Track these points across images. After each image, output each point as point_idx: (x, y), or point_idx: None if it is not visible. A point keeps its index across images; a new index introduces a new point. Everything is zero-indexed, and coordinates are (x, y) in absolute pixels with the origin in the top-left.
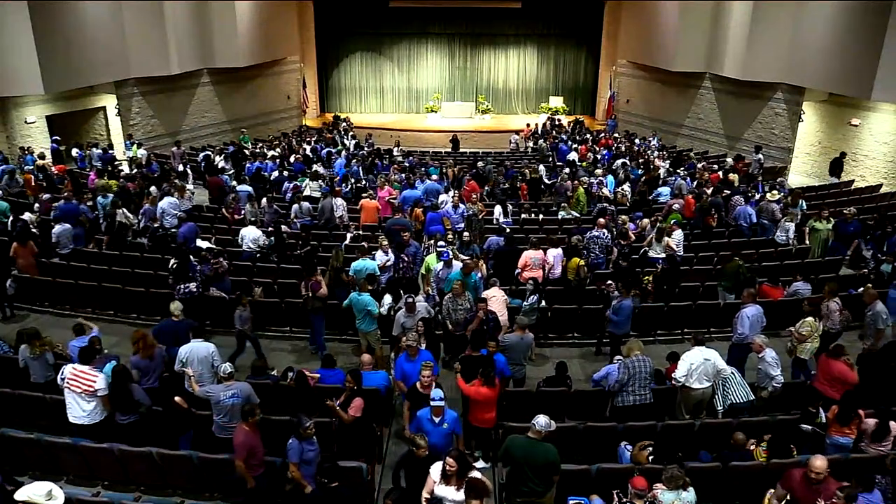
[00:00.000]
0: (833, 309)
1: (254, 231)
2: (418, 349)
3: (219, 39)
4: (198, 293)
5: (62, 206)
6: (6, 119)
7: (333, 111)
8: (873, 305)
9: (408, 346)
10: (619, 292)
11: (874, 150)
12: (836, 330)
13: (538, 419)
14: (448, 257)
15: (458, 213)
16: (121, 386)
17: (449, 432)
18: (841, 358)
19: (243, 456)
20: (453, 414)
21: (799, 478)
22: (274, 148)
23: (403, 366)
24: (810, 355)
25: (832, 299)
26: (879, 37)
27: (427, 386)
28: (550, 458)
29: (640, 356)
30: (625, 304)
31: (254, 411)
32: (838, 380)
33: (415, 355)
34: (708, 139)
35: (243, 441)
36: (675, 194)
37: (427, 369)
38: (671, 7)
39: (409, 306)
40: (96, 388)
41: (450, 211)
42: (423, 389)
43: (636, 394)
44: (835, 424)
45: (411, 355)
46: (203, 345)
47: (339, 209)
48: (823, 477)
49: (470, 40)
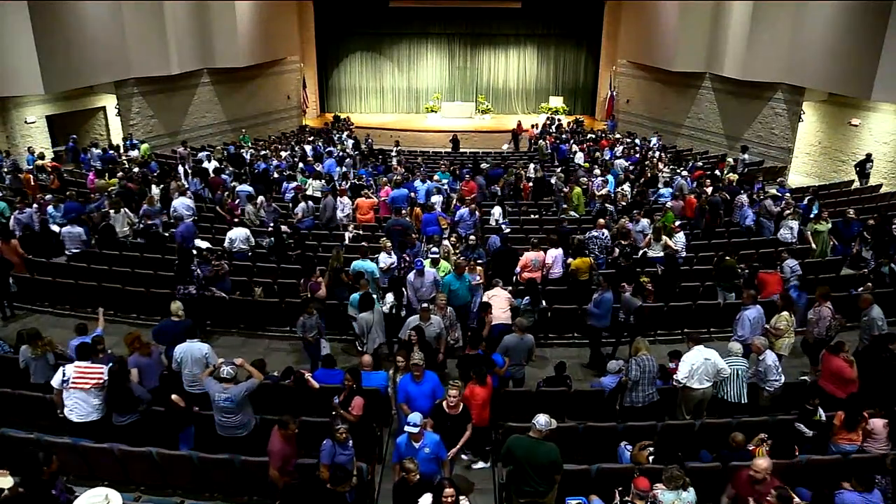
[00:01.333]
0: (825, 315)
1: (241, 231)
2: (424, 370)
3: (219, 39)
4: (197, 295)
5: (67, 206)
6: (6, 119)
7: (333, 111)
8: (869, 310)
9: (414, 366)
10: (630, 292)
11: (874, 150)
12: (822, 338)
13: (538, 418)
14: (421, 266)
15: (472, 219)
16: (118, 385)
17: (432, 457)
18: (840, 354)
19: (278, 464)
20: (434, 437)
21: (745, 478)
22: (278, 150)
23: (407, 388)
24: (788, 351)
25: (825, 304)
26: (879, 37)
27: (454, 406)
28: (552, 458)
29: (647, 355)
30: (605, 297)
31: (286, 423)
32: (837, 376)
33: (420, 377)
34: (708, 139)
35: (279, 450)
36: (675, 195)
37: (455, 388)
38: (671, 7)
39: (424, 312)
40: (105, 378)
41: (465, 215)
42: (449, 410)
43: (645, 392)
44: (841, 431)
45: (417, 377)
46: (197, 345)
47: (345, 208)
48: (763, 477)
49: (470, 40)
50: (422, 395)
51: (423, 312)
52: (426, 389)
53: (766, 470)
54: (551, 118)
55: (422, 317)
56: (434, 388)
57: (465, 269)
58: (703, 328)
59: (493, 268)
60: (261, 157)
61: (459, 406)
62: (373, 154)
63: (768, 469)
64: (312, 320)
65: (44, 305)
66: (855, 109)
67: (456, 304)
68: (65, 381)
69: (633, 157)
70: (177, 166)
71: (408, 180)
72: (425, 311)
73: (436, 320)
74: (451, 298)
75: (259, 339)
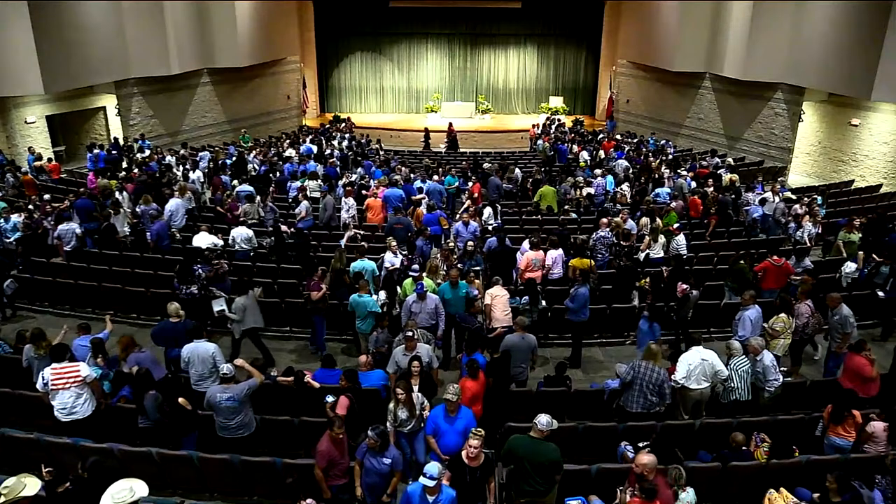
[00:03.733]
0: (803, 312)
1: (244, 231)
2: (459, 404)
3: (219, 39)
4: (199, 295)
5: (77, 203)
6: (6, 119)
7: (333, 111)
8: (839, 309)
9: (446, 401)
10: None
11: (874, 150)
12: (801, 335)
13: (540, 418)
14: (423, 290)
15: (469, 231)
16: (141, 390)
17: None
18: (862, 353)
19: (322, 465)
20: (451, 493)
21: (633, 477)
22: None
23: (438, 421)
24: (783, 352)
25: (804, 301)
26: (879, 37)
27: (474, 458)
28: (553, 458)
29: (648, 364)
30: (581, 291)
31: (332, 423)
32: (857, 374)
33: (455, 411)
34: (708, 139)
35: (325, 450)
36: (674, 195)
37: (476, 438)
38: (671, 7)
39: (409, 342)
40: (83, 375)
41: (460, 228)
42: (469, 462)
43: (637, 399)
44: (830, 425)
45: (450, 411)
46: (204, 345)
47: (350, 209)
48: (641, 472)
49: (470, 40)
50: (454, 431)
51: (409, 342)
52: (459, 427)
53: (645, 466)
54: (551, 118)
55: (407, 347)
56: (468, 426)
57: (459, 279)
58: (704, 328)
59: (492, 268)
60: (267, 160)
61: (481, 458)
62: (364, 155)
63: (648, 465)
64: (384, 335)
65: (44, 305)
66: (855, 109)
67: (448, 314)
68: (45, 384)
69: (638, 160)
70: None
71: (409, 181)
72: (410, 341)
73: (423, 349)
74: (445, 307)
75: None
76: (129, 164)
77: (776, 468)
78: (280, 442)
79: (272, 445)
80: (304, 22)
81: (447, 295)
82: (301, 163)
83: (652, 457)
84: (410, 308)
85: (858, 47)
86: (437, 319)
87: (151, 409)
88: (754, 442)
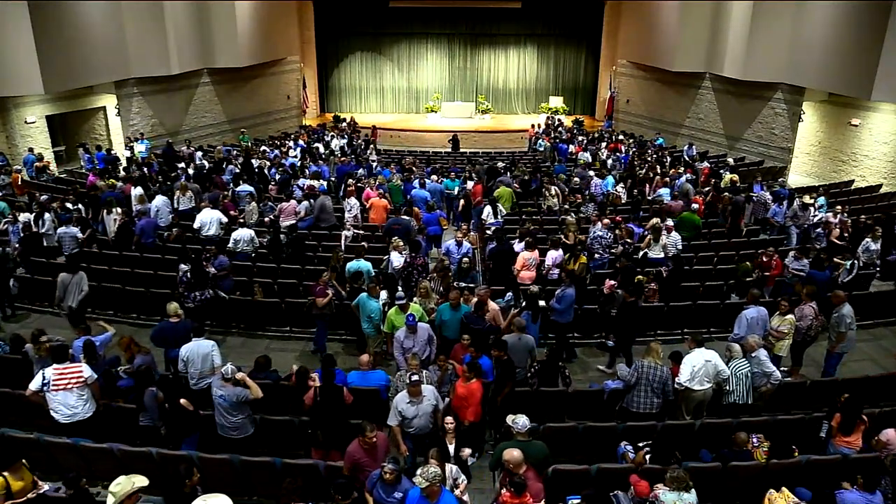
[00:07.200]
0: (807, 314)
1: (246, 232)
2: (439, 491)
3: (219, 39)
4: (210, 297)
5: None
6: (6, 119)
7: (333, 111)
8: (840, 307)
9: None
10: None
11: (874, 150)
12: (804, 336)
13: (518, 420)
14: (413, 322)
15: (461, 252)
16: (142, 388)
17: None
18: None
19: (347, 467)
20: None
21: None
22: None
23: None
24: (786, 352)
25: (809, 303)
26: (879, 37)
27: None
28: (543, 456)
29: (652, 362)
30: (567, 292)
31: (364, 429)
32: None
33: (435, 497)
34: (708, 139)
35: (350, 452)
36: (674, 195)
37: None
38: (671, 7)
39: (414, 388)
40: (85, 376)
41: (451, 247)
42: None
43: (643, 399)
44: (838, 434)
45: (429, 496)
46: (204, 342)
47: (353, 209)
48: (513, 467)
49: (470, 40)
50: None
51: (413, 388)
52: None
53: (514, 460)
54: (552, 118)
55: (411, 393)
56: None
57: (461, 300)
58: (704, 328)
59: (492, 269)
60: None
61: None
62: (356, 156)
63: (516, 460)
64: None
65: (44, 305)
66: (855, 109)
67: (447, 337)
68: (45, 383)
69: (625, 157)
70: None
71: (408, 181)
72: (415, 388)
73: (428, 391)
74: (441, 330)
75: (259, 339)
76: (127, 164)
77: (776, 468)
78: (280, 442)
79: (272, 445)
80: (304, 22)
81: (445, 316)
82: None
83: (519, 451)
84: (402, 344)
85: (858, 47)
86: (430, 347)
87: (151, 406)
88: (751, 443)
